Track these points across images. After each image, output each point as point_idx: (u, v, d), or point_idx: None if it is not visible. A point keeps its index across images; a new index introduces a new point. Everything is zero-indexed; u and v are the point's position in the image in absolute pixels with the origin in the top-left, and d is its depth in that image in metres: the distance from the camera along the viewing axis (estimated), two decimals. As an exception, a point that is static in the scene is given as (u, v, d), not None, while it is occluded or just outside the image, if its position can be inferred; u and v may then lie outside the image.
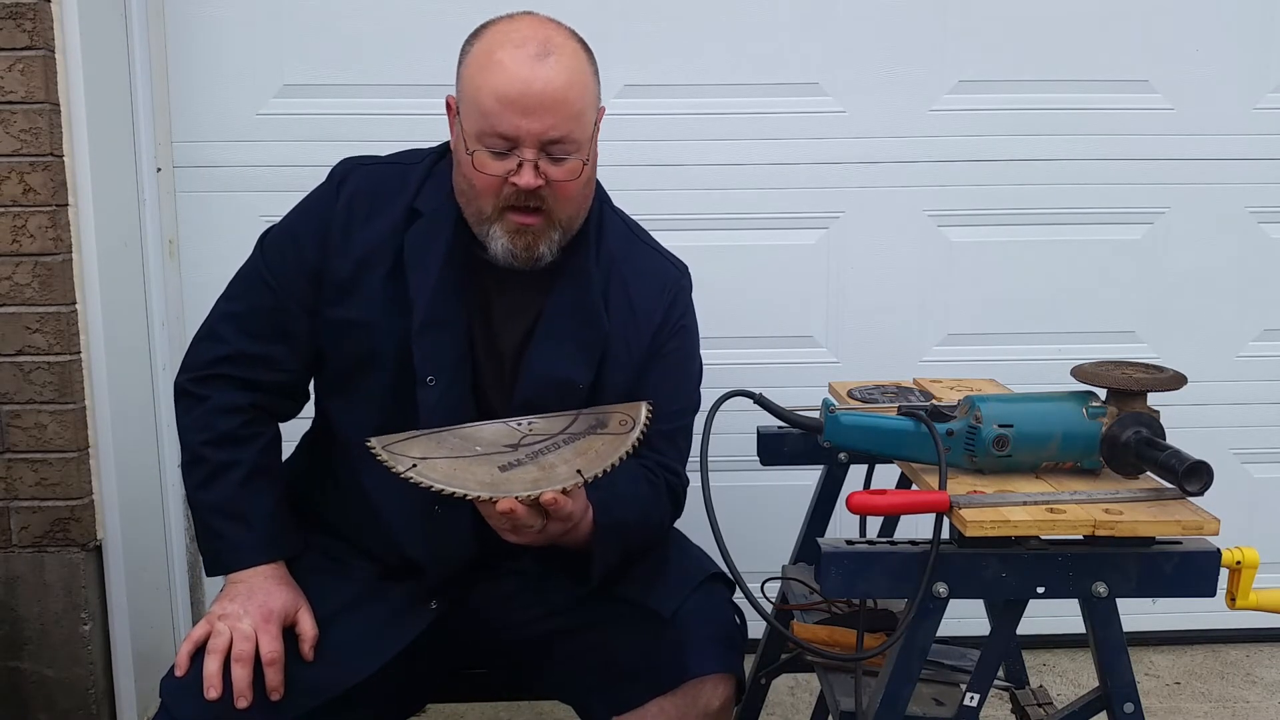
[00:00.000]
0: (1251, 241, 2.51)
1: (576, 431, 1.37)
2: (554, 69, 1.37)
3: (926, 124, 2.43)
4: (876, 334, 2.50)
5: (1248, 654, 2.64)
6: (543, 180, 1.38)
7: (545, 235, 1.43)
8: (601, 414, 1.38)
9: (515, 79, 1.36)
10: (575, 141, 1.39)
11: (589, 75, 1.43)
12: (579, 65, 1.41)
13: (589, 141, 1.43)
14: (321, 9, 2.32)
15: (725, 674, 1.48)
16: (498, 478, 1.31)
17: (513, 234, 1.42)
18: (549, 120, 1.36)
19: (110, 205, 2.17)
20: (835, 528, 1.86)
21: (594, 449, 1.34)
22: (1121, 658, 1.32)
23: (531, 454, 1.34)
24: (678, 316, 1.59)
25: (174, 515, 2.41)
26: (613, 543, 1.45)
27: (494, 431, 1.36)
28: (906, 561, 1.27)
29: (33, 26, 2.01)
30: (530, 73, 1.36)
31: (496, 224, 1.43)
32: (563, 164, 1.39)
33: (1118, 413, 1.34)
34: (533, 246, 1.43)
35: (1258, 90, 2.45)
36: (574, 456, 1.34)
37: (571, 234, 1.48)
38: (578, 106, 1.39)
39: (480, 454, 1.33)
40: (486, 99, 1.37)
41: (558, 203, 1.42)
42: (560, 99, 1.37)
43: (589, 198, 1.50)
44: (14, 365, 2.10)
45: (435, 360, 1.46)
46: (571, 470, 1.32)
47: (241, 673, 1.35)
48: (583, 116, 1.40)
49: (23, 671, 2.19)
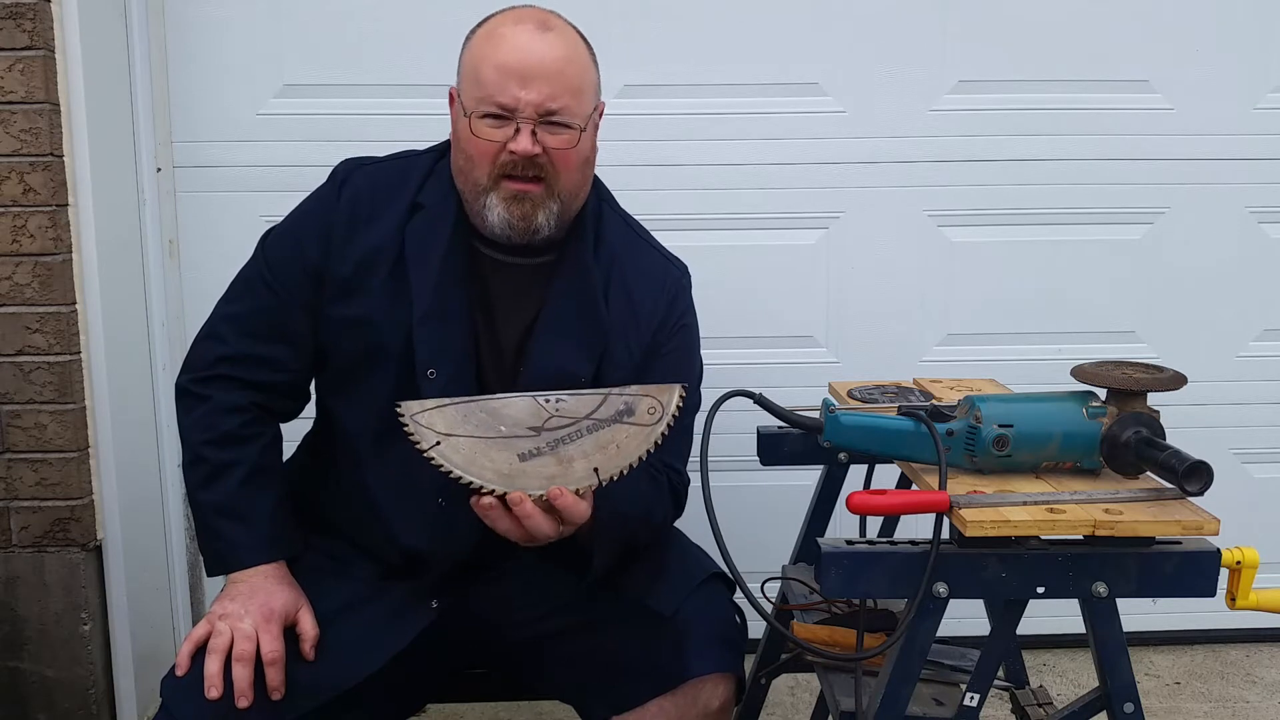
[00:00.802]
0: (1251, 241, 2.51)
1: (602, 418, 1.35)
2: (552, 41, 1.41)
3: (926, 124, 2.43)
4: (876, 334, 2.50)
5: (1248, 654, 2.64)
6: (540, 148, 1.40)
7: (543, 204, 1.44)
8: (631, 397, 1.36)
9: (515, 49, 1.40)
10: (573, 114, 1.41)
11: (587, 58, 1.47)
12: (578, 45, 1.45)
13: (587, 120, 1.44)
14: (322, 9, 2.32)
15: (725, 674, 1.48)
16: (515, 468, 1.31)
17: (509, 201, 1.43)
18: (546, 90, 1.39)
19: (110, 205, 2.17)
20: (835, 528, 1.86)
21: (616, 442, 1.34)
22: (1121, 658, 1.32)
23: (552, 442, 1.33)
24: (678, 315, 1.60)
25: (174, 515, 2.42)
26: (614, 535, 1.45)
27: (520, 408, 1.34)
28: (906, 561, 1.27)
29: (33, 26, 2.01)
30: (529, 43, 1.40)
31: (493, 193, 1.43)
32: (560, 135, 1.41)
33: (1118, 413, 1.34)
34: (530, 215, 1.44)
35: (1258, 90, 2.45)
36: (594, 451, 1.33)
37: (571, 212, 1.49)
38: (576, 82, 1.42)
39: (503, 435, 1.33)
40: (486, 70, 1.40)
41: (556, 172, 1.43)
42: (558, 70, 1.40)
43: (588, 178, 1.51)
44: (14, 365, 2.10)
45: (437, 352, 1.46)
46: (589, 468, 1.32)
47: (242, 672, 1.35)
48: (581, 94, 1.43)
49: (23, 671, 2.19)
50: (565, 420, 1.34)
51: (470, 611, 1.57)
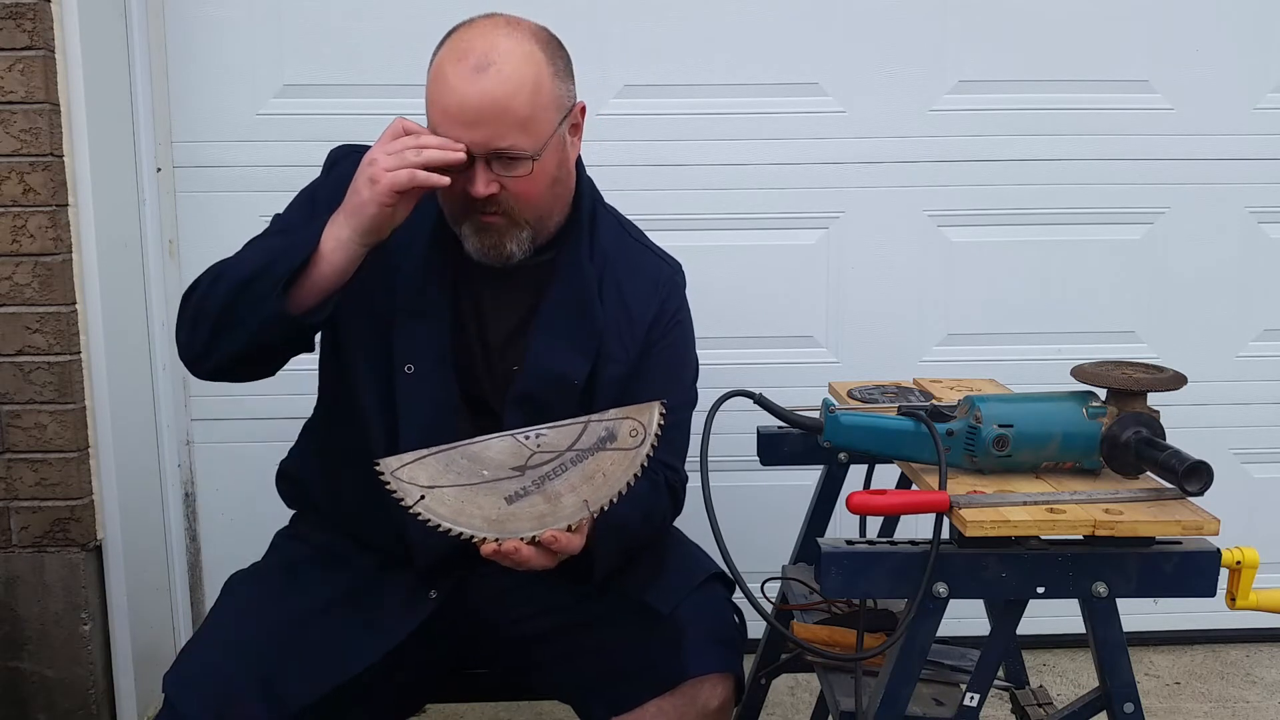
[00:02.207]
0: (1251, 241, 2.51)
1: (584, 447, 1.35)
2: (491, 81, 1.36)
3: (926, 124, 2.43)
4: (876, 334, 2.50)
5: (1248, 654, 2.64)
6: (496, 186, 1.39)
7: (510, 234, 1.44)
8: (611, 422, 1.36)
9: (454, 94, 1.37)
10: (524, 147, 1.39)
11: (540, 78, 1.40)
12: (525, 71, 1.38)
13: (545, 145, 1.41)
14: (322, 9, 2.32)
15: (724, 674, 1.48)
16: (504, 512, 1.31)
17: (479, 233, 1.44)
18: (489, 131, 1.36)
19: (110, 205, 2.17)
20: (835, 528, 1.86)
21: (602, 470, 1.33)
22: (1121, 658, 1.32)
23: (539, 479, 1.33)
24: (672, 312, 1.60)
25: (174, 515, 2.42)
26: (613, 544, 1.45)
27: (501, 449, 1.34)
28: (906, 561, 1.27)
29: (33, 26, 2.01)
30: (467, 87, 1.36)
31: (465, 224, 1.45)
32: (515, 168, 1.40)
33: (1118, 413, 1.34)
34: (499, 245, 1.44)
35: (1258, 90, 2.45)
36: (581, 483, 1.33)
37: (547, 232, 1.49)
38: (523, 114, 1.38)
39: (487, 480, 1.33)
40: (434, 113, 1.39)
41: (518, 204, 1.42)
42: (500, 110, 1.36)
43: (559, 195, 1.50)
44: (14, 365, 2.10)
45: (413, 348, 1.47)
46: (578, 501, 1.32)
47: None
48: (530, 123, 1.39)
49: (23, 671, 2.19)
50: (548, 455, 1.34)
51: (468, 606, 1.57)
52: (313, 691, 1.41)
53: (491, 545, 1.30)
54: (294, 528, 1.68)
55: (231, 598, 1.54)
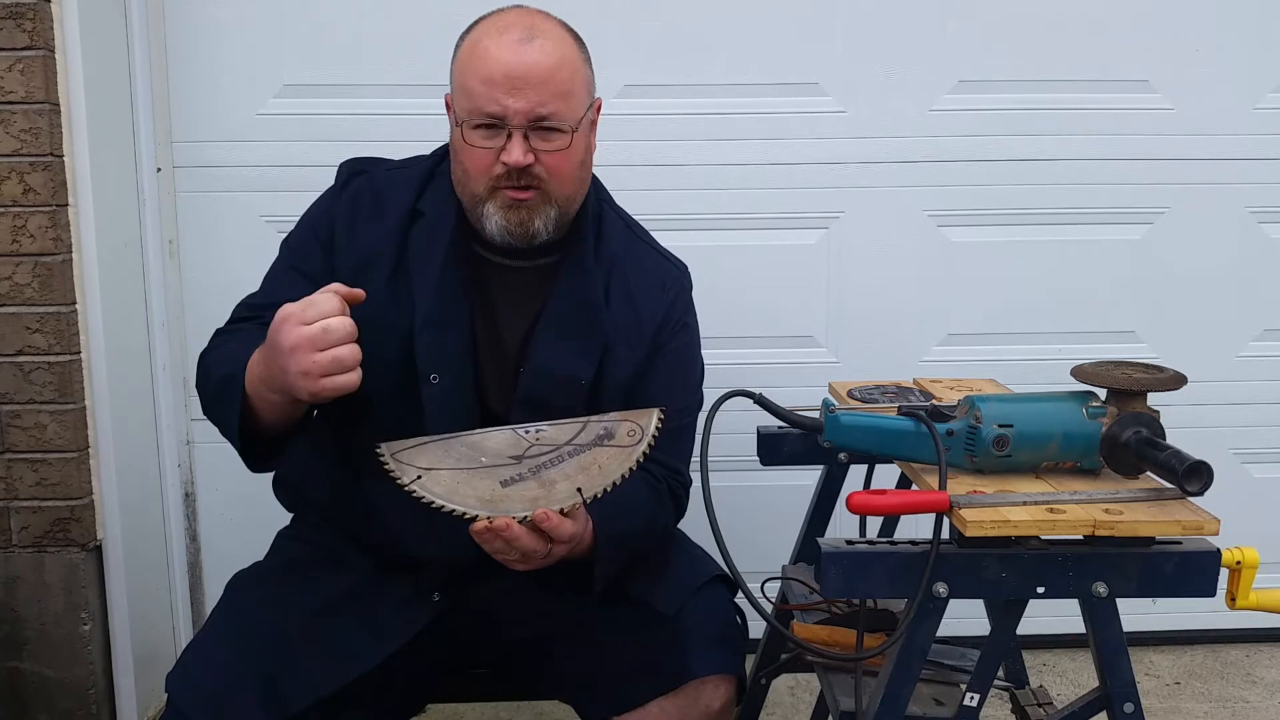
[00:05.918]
0: (1251, 241, 2.51)
1: (582, 443, 1.36)
2: (538, 50, 1.39)
3: (926, 124, 2.43)
4: (876, 334, 2.50)
5: (1248, 654, 2.64)
6: (532, 157, 1.40)
7: (540, 211, 1.44)
8: (610, 423, 1.38)
9: (500, 61, 1.38)
10: (564, 118, 1.41)
11: (578, 59, 1.45)
12: (566, 48, 1.43)
13: (580, 122, 1.43)
14: (322, 9, 2.32)
15: (726, 674, 1.48)
16: (498, 494, 1.32)
17: (506, 209, 1.44)
18: (534, 97, 1.38)
19: (110, 205, 2.17)
20: (835, 528, 1.86)
21: (598, 463, 1.34)
22: (1121, 658, 1.32)
23: (535, 468, 1.34)
24: (679, 315, 1.60)
25: (174, 515, 2.42)
26: (615, 554, 1.46)
27: (500, 440, 1.36)
28: (906, 561, 1.27)
29: (33, 26, 2.01)
30: (514, 55, 1.38)
31: (490, 202, 1.44)
32: (552, 140, 1.41)
33: (1118, 413, 1.34)
34: (527, 222, 1.44)
35: (1258, 90, 2.45)
36: (576, 472, 1.34)
37: (569, 216, 1.49)
38: (565, 86, 1.40)
39: (485, 465, 1.34)
40: (474, 83, 1.40)
41: (551, 179, 1.43)
42: (545, 77, 1.39)
43: (585, 181, 1.51)
44: (14, 365, 2.10)
45: (438, 357, 1.47)
46: (572, 488, 1.33)
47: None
48: (571, 96, 1.42)
49: (23, 671, 2.19)
50: (546, 448, 1.36)
51: (471, 607, 1.57)
52: (314, 694, 1.41)
53: (483, 523, 1.29)
54: (295, 528, 1.68)
55: (235, 597, 1.54)
